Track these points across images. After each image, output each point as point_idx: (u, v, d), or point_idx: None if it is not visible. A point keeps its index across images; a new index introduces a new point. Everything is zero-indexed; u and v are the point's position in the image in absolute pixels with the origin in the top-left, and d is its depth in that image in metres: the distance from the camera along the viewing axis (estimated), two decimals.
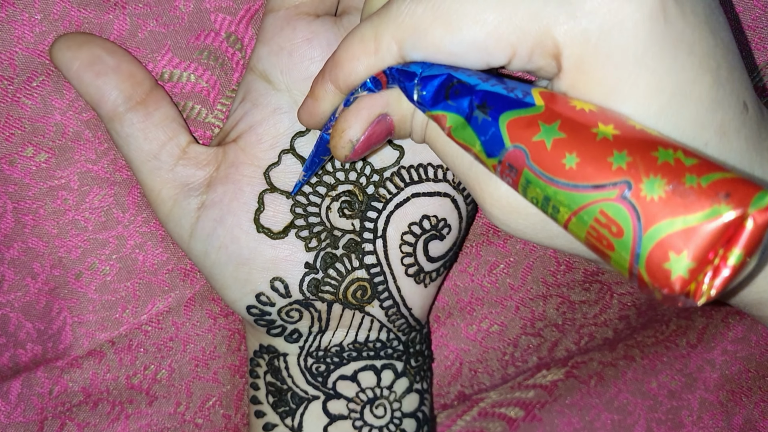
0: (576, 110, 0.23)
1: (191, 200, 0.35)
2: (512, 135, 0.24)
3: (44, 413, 0.39)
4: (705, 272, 0.20)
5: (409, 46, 0.26)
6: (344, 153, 0.30)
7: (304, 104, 0.31)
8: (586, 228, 0.22)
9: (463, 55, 0.26)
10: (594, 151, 0.22)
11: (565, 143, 0.23)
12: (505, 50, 0.25)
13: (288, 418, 0.38)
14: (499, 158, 0.24)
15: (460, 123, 0.25)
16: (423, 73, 0.26)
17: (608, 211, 0.21)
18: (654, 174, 0.21)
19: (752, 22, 0.37)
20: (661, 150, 0.21)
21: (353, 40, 0.28)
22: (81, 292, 0.39)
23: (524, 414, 0.47)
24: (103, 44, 0.34)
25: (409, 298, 0.37)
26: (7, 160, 0.36)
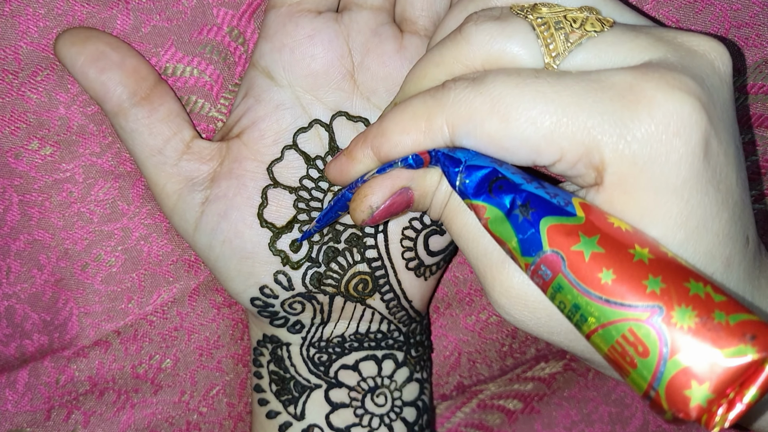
0: (614, 228, 0.24)
1: (195, 195, 0.35)
2: (551, 240, 0.24)
3: (51, 402, 0.40)
4: (720, 404, 0.22)
5: (463, 133, 0.27)
6: (362, 217, 0.30)
7: (337, 161, 0.31)
8: (611, 342, 0.23)
9: (513, 151, 0.26)
10: (630, 271, 0.23)
11: (603, 258, 0.24)
12: (555, 154, 0.26)
13: (291, 406, 0.39)
14: (534, 259, 0.25)
15: (499, 217, 0.26)
16: (468, 161, 0.27)
17: (637, 331, 0.22)
18: (686, 304, 0.22)
19: (750, 19, 0.37)
20: (693, 282, 0.23)
21: (404, 115, 0.28)
22: (87, 283, 0.39)
23: (523, 406, 0.48)
24: (107, 40, 0.34)
25: (409, 290, 0.37)
26: (13, 153, 0.36)
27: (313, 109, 0.35)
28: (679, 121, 0.25)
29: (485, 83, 0.26)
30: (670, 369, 0.22)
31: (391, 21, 0.35)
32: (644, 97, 0.25)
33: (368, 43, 0.35)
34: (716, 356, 0.22)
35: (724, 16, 0.37)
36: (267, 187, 0.35)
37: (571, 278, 0.24)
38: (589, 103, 0.25)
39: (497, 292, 0.28)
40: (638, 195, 0.25)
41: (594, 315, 0.23)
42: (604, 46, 0.27)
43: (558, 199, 0.25)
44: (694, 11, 0.37)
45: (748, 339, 0.21)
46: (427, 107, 0.27)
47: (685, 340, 0.22)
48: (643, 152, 0.25)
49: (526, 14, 0.27)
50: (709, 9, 0.37)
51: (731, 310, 0.22)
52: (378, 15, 0.35)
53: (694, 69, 0.26)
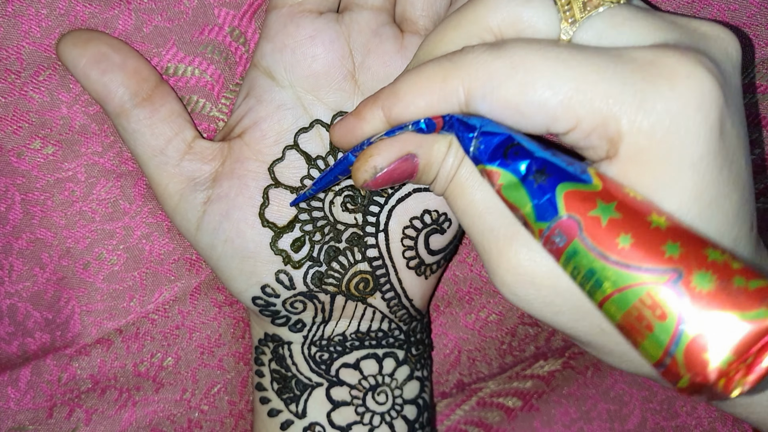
0: (630, 197, 0.24)
1: (197, 194, 0.35)
2: (568, 205, 0.24)
3: (53, 400, 0.40)
4: (738, 369, 0.22)
5: (479, 96, 0.26)
6: (364, 177, 0.29)
7: (344, 121, 0.30)
8: (627, 306, 0.23)
9: (529, 116, 0.26)
10: (649, 236, 0.23)
11: (620, 223, 0.23)
12: (570, 121, 0.25)
13: (292, 404, 0.39)
14: (549, 224, 0.25)
15: (514, 183, 0.26)
16: (483, 128, 0.27)
17: (656, 294, 0.22)
18: (706, 269, 0.22)
19: (747, 19, 0.37)
20: (711, 250, 0.23)
21: (419, 76, 0.27)
22: (89, 281, 0.39)
23: (522, 404, 0.48)
24: (108, 41, 0.34)
25: (410, 289, 0.38)
26: (15, 152, 0.36)
27: (314, 109, 0.35)
28: (701, 97, 0.25)
29: (505, 47, 0.26)
30: (689, 332, 0.22)
31: (392, 21, 0.35)
32: (666, 70, 0.25)
33: (369, 43, 0.35)
34: (736, 319, 0.21)
35: (722, 16, 0.37)
36: (268, 187, 0.35)
37: (588, 243, 0.24)
38: (609, 73, 0.25)
39: (503, 269, 0.28)
40: (654, 168, 0.25)
41: (611, 279, 0.23)
42: (620, 20, 0.26)
43: (574, 167, 0.25)
44: (692, 11, 0.37)
45: None
46: (444, 69, 0.27)
47: (704, 303, 0.22)
48: (663, 125, 0.25)
49: None
50: (706, 9, 0.37)
51: (751, 276, 0.22)
52: (379, 15, 0.35)
53: (709, 53, 0.26)
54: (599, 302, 0.24)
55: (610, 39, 0.26)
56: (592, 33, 0.27)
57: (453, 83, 0.27)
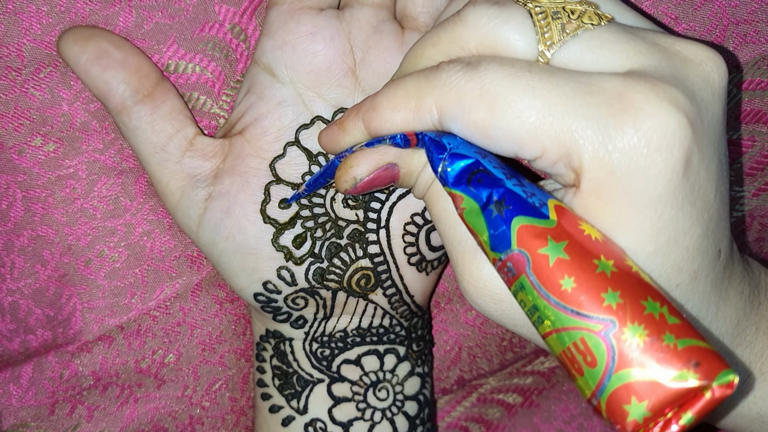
0: (583, 235, 0.25)
1: (199, 191, 0.35)
2: (520, 240, 0.25)
3: (55, 397, 0.40)
4: (656, 422, 0.22)
5: (450, 117, 0.27)
6: (345, 187, 0.31)
7: (329, 130, 0.31)
8: (563, 347, 0.24)
9: (497, 141, 0.26)
10: (591, 282, 0.24)
11: (566, 265, 0.24)
12: (536, 150, 0.26)
13: (294, 400, 0.39)
14: (501, 256, 0.25)
15: (475, 210, 0.26)
16: (452, 149, 0.27)
17: (588, 341, 0.23)
18: (639, 323, 0.23)
19: (748, 15, 0.37)
20: (650, 301, 0.23)
21: (397, 91, 0.28)
22: (90, 278, 0.39)
23: (522, 400, 0.48)
24: (109, 38, 0.34)
25: (411, 285, 0.38)
26: (17, 149, 0.37)
27: (315, 105, 0.35)
28: (663, 137, 0.25)
29: (478, 70, 0.26)
30: (613, 382, 0.23)
31: (392, 18, 0.36)
32: (632, 107, 0.25)
33: (369, 39, 0.35)
34: (659, 377, 0.22)
35: (723, 13, 0.37)
36: (269, 184, 0.35)
37: (534, 280, 0.24)
38: (576, 105, 0.25)
39: (466, 280, 0.29)
40: (612, 204, 0.26)
41: (550, 319, 0.24)
42: (599, 42, 0.27)
43: (534, 199, 0.26)
44: (693, 7, 0.37)
45: (692, 365, 0.22)
46: (419, 87, 0.27)
47: (632, 357, 0.22)
48: (622, 163, 0.25)
49: (525, 2, 0.27)
50: (707, 5, 0.37)
51: (682, 334, 0.23)
52: (379, 12, 0.35)
53: (686, 81, 0.26)
54: (542, 335, 0.25)
55: (588, 62, 0.27)
56: (570, 55, 0.27)
57: (427, 102, 0.27)
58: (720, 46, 0.38)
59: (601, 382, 0.23)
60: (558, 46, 0.27)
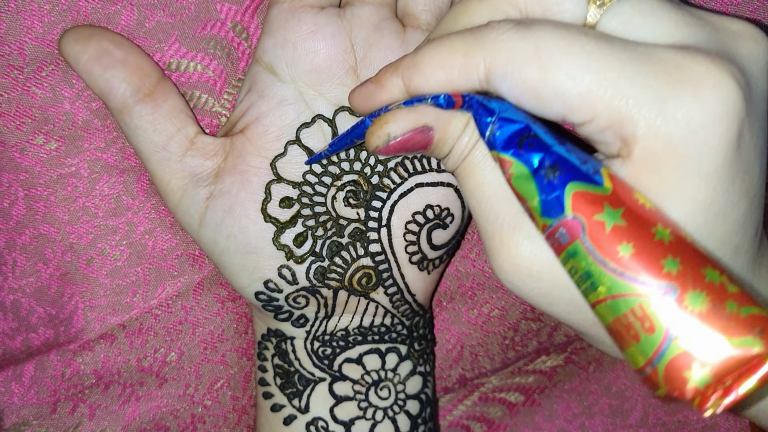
0: (638, 204, 0.24)
1: (200, 190, 0.35)
2: (575, 205, 0.24)
3: (57, 395, 0.40)
4: (716, 389, 0.22)
5: (499, 75, 0.26)
6: (377, 143, 0.29)
7: (363, 87, 0.30)
8: (617, 314, 0.23)
9: (547, 102, 0.25)
10: (650, 248, 0.23)
11: (624, 232, 0.24)
12: (586, 114, 0.25)
13: (295, 399, 0.39)
14: (553, 221, 0.25)
15: (525, 174, 0.26)
16: (502, 113, 0.26)
17: (647, 308, 0.23)
18: (701, 289, 0.22)
19: (750, 13, 0.37)
20: (710, 269, 0.23)
21: (441, 48, 0.27)
22: (92, 277, 0.39)
23: (524, 399, 0.48)
24: (110, 37, 0.34)
25: (412, 284, 0.38)
26: (18, 148, 0.37)
27: (316, 104, 0.35)
28: (724, 109, 0.24)
29: (532, 28, 0.25)
30: (673, 349, 0.22)
31: (394, 16, 0.35)
32: (692, 77, 0.24)
33: (371, 38, 0.35)
34: (722, 343, 0.22)
35: (725, 11, 0.37)
36: (270, 182, 0.35)
37: (589, 246, 0.24)
38: (634, 72, 0.24)
39: (502, 258, 0.28)
40: (666, 175, 0.25)
41: (606, 285, 0.24)
42: (648, 9, 0.26)
43: (587, 167, 0.25)
44: (696, 4, 0.37)
45: (757, 332, 0.22)
46: (467, 44, 0.26)
47: (694, 324, 0.22)
48: (680, 134, 0.24)
49: None
50: (709, 3, 0.37)
51: (744, 302, 0.22)
52: (380, 10, 0.35)
53: (737, 56, 0.26)
54: (592, 303, 0.24)
55: (636, 28, 0.26)
56: (619, 19, 0.26)
57: (475, 59, 0.26)
58: (758, 22, 0.37)
59: (659, 349, 0.22)
60: (607, 6, 0.26)
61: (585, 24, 0.26)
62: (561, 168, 0.25)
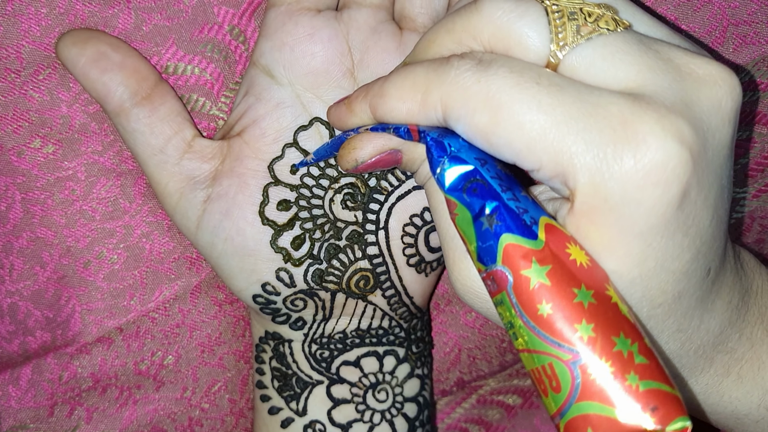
0: (569, 260, 0.25)
1: (197, 193, 0.35)
2: (505, 258, 0.25)
3: (54, 398, 0.40)
4: None
5: (454, 117, 0.27)
6: (347, 167, 0.31)
7: (338, 107, 0.31)
8: (533, 366, 0.25)
9: (497, 148, 0.26)
10: (567, 311, 0.24)
11: (546, 291, 0.24)
12: (533, 163, 0.26)
13: (293, 401, 0.39)
14: (486, 268, 0.26)
15: (467, 218, 0.27)
16: (453, 152, 0.27)
17: (556, 368, 0.24)
18: (606, 359, 0.23)
19: (748, 16, 0.37)
20: (622, 337, 0.24)
21: (405, 82, 0.28)
22: (89, 280, 0.39)
23: (522, 401, 0.48)
24: (108, 40, 0.34)
25: (410, 287, 0.38)
26: (15, 151, 0.37)
27: (313, 107, 0.35)
28: (662, 173, 0.24)
29: (487, 72, 0.26)
30: (573, 411, 0.24)
31: (391, 18, 0.36)
32: (635, 136, 0.24)
33: (368, 40, 0.35)
34: (616, 414, 0.23)
35: (722, 14, 0.37)
36: (268, 185, 0.35)
37: (513, 299, 0.25)
38: (579, 127, 0.25)
39: (454, 276, 0.29)
40: (603, 229, 0.25)
41: (524, 338, 0.25)
42: (611, 51, 0.26)
43: (526, 216, 0.26)
44: (692, 9, 0.37)
45: (650, 408, 0.23)
46: (428, 80, 0.27)
47: (593, 391, 0.23)
48: (617, 192, 0.25)
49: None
50: (707, 7, 0.37)
51: (646, 376, 0.23)
52: (377, 13, 0.35)
53: (695, 107, 0.25)
54: (516, 349, 0.26)
55: (598, 69, 0.26)
56: (581, 60, 0.26)
57: (433, 97, 0.27)
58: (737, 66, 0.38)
59: (562, 408, 0.24)
60: (571, 47, 0.26)
61: (548, 63, 0.27)
62: (498, 218, 0.26)
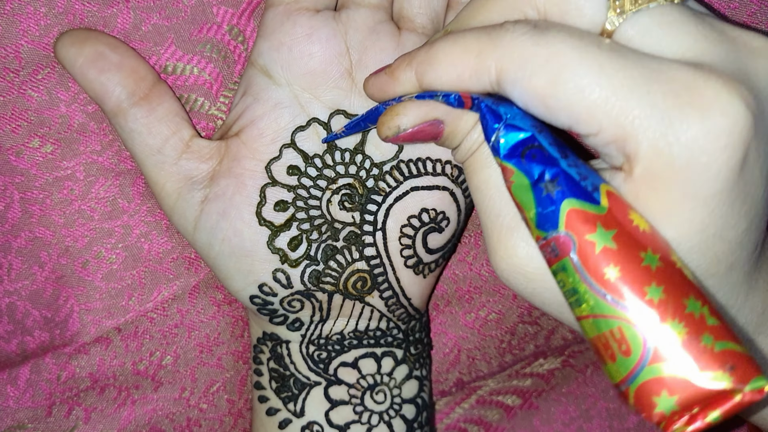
0: (632, 226, 0.25)
1: (195, 193, 0.35)
2: (569, 223, 0.25)
3: (52, 398, 0.40)
4: (682, 416, 0.23)
5: (509, 80, 0.26)
6: (387, 134, 0.30)
7: (378, 77, 0.30)
8: (598, 332, 0.24)
9: (555, 112, 0.25)
10: (636, 274, 0.24)
11: (612, 255, 0.24)
12: (592, 127, 0.25)
13: (290, 403, 0.39)
14: (546, 235, 0.25)
15: (525, 185, 0.26)
16: (509, 120, 0.26)
17: (626, 331, 0.23)
18: (680, 320, 0.23)
19: (747, 17, 0.37)
20: (692, 299, 0.23)
21: (455, 46, 0.27)
22: (88, 280, 0.39)
23: (521, 402, 0.48)
24: (106, 40, 0.34)
25: (408, 288, 0.38)
26: (14, 151, 0.37)
27: (311, 107, 0.35)
28: (730, 135, 0.24)
29: (546, 35, 0.25)
30: (645, 374, 0.23)
31: (389, 19, 0.35)
32: (701, 100, 0.24)
33: (366, 41, 0.35)
34: (693, 375, 0.22)
35: (721, 15, 0.37)
36: (266, 186, 0.35)
37: (577, 264, 0.24)
38: (643, 91, 0.24)
39: (499, 255, 0.28)
40: (665, 195, 0.25)
41: (589, 303, 0.24)
42: (669, 20, 0.26)
43: (587, 183, 0.25)
44: None
45: (728, 368, 0.22)
46: (480, 44, 0.26)
47: (668, 352, 0.23)
48: (683, 156, 0.24)
49: None
50: (706, 7, 0.37)
51: (720, 336, 0.23)
52: (376, 13, 0.35)
53: (752, 76, 0.25)
54: (577, 317, 0.25)
55: (655, 39, 0.26)
56: (638, 28, 0.26)
57: (487, 60, 0.26)
58: None
59: (633, 372, 0.23)
60: (628, 15, 0.26)
61: (603, 31, 0.26)
62: (560, 183, 0.25)
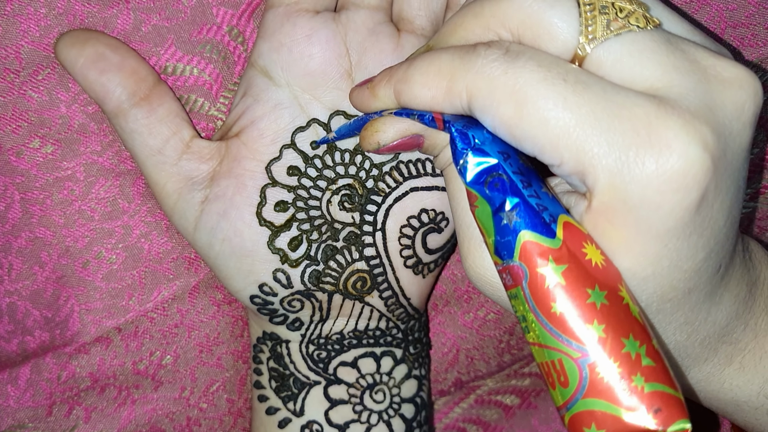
0: (584, 260, 0.26)
1: (195, 194, 0.36)
2: (523, 254, 0.26)
3: (53, 398, 0.40)
4: None
5: (478, 107, 0.26)
6: (368, 148, 0.31)
7: (360, 90, 0.31)
8: (543, 360, 0.26)
9: (520, 141, 0.26)
10: (580, 311, 0.25)
11: (560, 290, 0.25)
12: (554, 159, 0.26)
13: (290, 402, 0.39)
14: (503, 262, 0.26)
15: (487, 212, 0.27)
16: (477, 145, 0.27)
17: (565, 364, 0.25)
18: (615, 359, 0.24)
19: (746, 19, 0.37)
20: (631, 339, 0.25)
21: (430, 67, 0.28)
22: (88, 280, 0.39)
23: (520, 401, 0.48)
24: (106, 41, 0.35)
25: (407, 288, 0.38)
26: (14, 151, 0.37)
27: (311, 108, 0.35)
28: (684, 179, 0.24)
29: (515, 64, 0.26)
30: (579, 406, 0.25)
31: (389, 20, 0.36)
32: (658, 141, 0.24)
33: (365, 42, 0.35)
34: (620, 413, 0.24)
35: (720, 16, 0.37)
36: (266, 186, 0.35)
37: (527, 295, 0.25)
38: (603, 127, 0.25)
39: (468, 264, 0.30)
40: (621, 229, 0.26)
41: (535, 332, 0.25)
42: (639, 48, 0.26)
43: (546, 214, 0.26)
44: (690, 11, 0.37)
45: (653, 410, 0.24)
46: (453, 67, 0.27)
47: (600, 389, 0.24)
48: (636, 195, 0.25)
49: None
50: (705, 9, 0.37)
51: (651, 378, 0.24)
52: (375, 14, 0.35)
53: (718, 111, 0.25)
54: (527, 341, 0.26)
55: (626, 66, 0.26)
56: (609, 54, 0.26)
57: (458, 85, 0.27)
58: None
59: (569, 402, 0.25)
60: (599, 42, 0.26)
61: (575, 56, 0.26)
62: (519, 214, 0.26)
